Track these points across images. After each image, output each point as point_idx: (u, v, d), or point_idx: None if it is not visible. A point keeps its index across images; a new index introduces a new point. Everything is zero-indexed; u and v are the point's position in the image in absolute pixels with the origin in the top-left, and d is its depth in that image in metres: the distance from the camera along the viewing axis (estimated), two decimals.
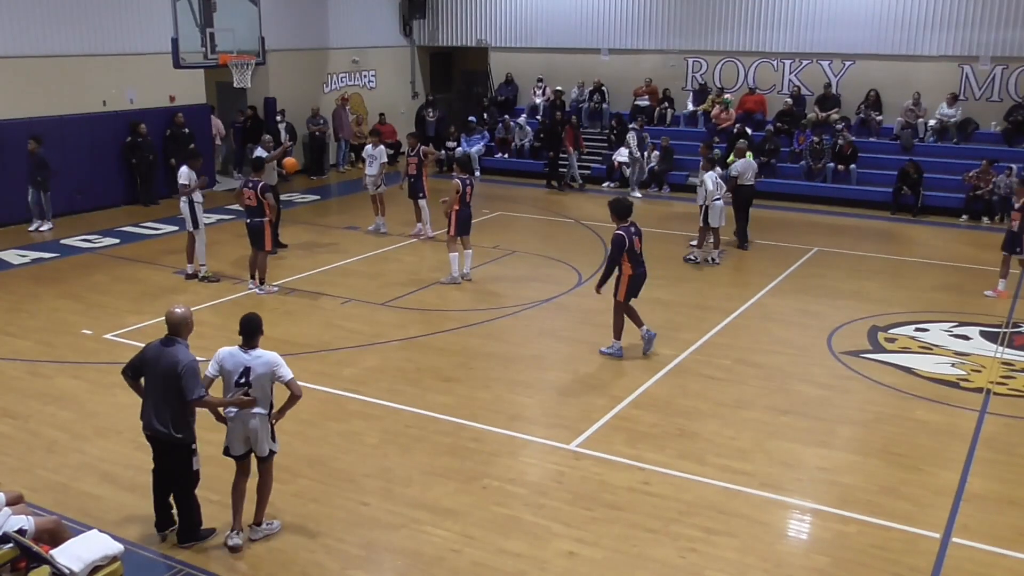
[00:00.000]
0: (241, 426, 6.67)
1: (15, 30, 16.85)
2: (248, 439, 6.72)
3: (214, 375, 6.67)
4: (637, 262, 10.49)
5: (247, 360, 6.60)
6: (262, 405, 6.65)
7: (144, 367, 6.61)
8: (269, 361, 6.59)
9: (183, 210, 13.34)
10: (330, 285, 13.58)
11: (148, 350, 6.64)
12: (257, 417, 6.65)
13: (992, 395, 9.74)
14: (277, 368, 6.59)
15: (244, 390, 6.57)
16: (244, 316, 6.80)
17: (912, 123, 20.60)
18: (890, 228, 18.31)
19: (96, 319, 11.96)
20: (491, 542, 6.87)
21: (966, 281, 14.20)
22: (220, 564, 6.58)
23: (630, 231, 10.40)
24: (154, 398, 6.55)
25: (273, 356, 6.64)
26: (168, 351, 6.52)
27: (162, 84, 19.22)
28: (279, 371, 6.60)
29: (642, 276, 10.61)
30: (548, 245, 16.14)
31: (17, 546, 5.84)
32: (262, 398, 6.62)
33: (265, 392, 6.63)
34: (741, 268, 14.83)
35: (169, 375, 6.44)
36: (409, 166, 16.32)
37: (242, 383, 6.58)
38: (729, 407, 9.35)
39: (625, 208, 10.56)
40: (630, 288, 10.51)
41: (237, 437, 6.74)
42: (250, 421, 6.65)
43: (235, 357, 6.63)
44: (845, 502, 7.50)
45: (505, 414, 9.16)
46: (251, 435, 6.70)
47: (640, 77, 23.75)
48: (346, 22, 24.28)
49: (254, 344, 6.68)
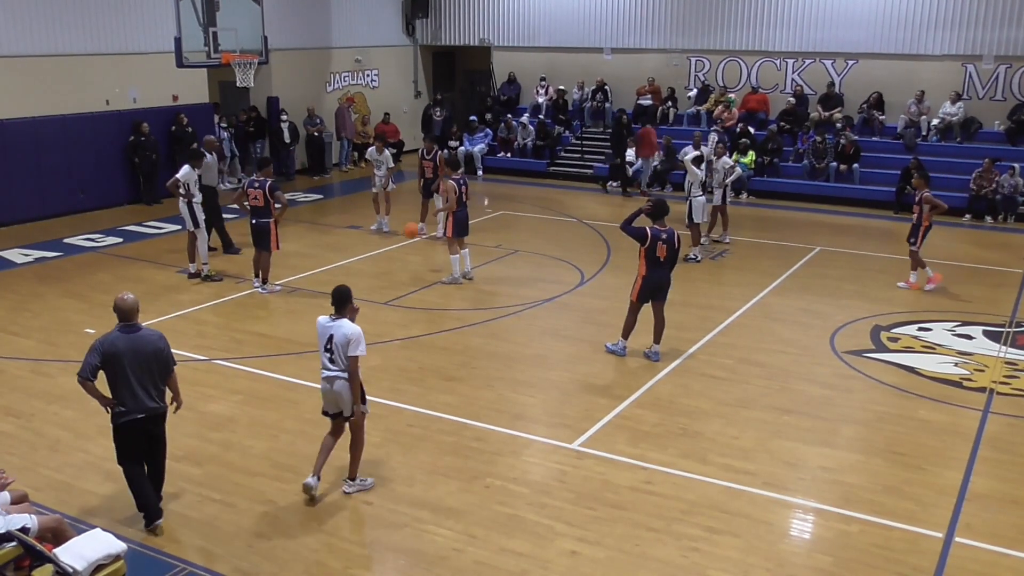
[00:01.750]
0: (329, 388, 7.28)
1: (18, 29, 16.88)
2: (335, 400, 7.31)
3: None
4: (656, 266, 10.33)
5: (331, 328, 7.20)
6: (342, 370, 7.17)
7: (116, 360, 6.69)
8: (346, 333, 7.11)
9: (182, 210, 13.34)
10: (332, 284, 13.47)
11: (116, 343, 6.71)
12: (340, 382, 7.20)
13: (995, 394, 9.73)
14: (351, 342, 7.10)
15: (330, 356, 7.14)
16: (335, 288, 7.40)
17: (915, 122, 20.58)
18: (893, 227, 18.27)
19: (99, 318, 11.95)
20: (493, 541, 6.87)
21: (969, 281, 14.18)
22: (224, 564, 6.58)
23: (660, 234, 10.23)
24: (139, 380, 6.73)
25: (352, 330, 7.13)
26: (140, 335, 6.79)
27: (165, 83, 19.24)
28: (351, 346, 7.10)
29: (657, 281, 10.39)
30: (551, 244, 16.14)
31: (20, 545, 5.85)
32: (343, 364, 7.13)
33: (343, 358, 7.13)
34: (743, 267, 14.82)
35: (155, 354, 6.79)
36: (425, 169, 16.35)
37: (328, 348, 7.19)
38: (732, 406, 9.34)
39: (663, 209, 10.42)
40: (643, 289, 10.46)
41: (326, 399, 7.38)
42: (334, 384, 7.24)
43: (323, 325, 7.29)
44: (848, 501, 7.49)
45: (508, 413, 9.16)
46: (336, 398, 7.29)
47: (643, 76, 23.75)
48: (349, 21, 24.30)
49: (342, 314, 7.23)
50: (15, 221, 16.92)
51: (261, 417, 9.04)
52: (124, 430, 6.82)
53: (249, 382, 9.96)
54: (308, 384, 9.84)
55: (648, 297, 10.51)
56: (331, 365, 7.26)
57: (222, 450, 8.34)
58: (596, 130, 24.02)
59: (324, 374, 7.31)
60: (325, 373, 7.30)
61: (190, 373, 10.20)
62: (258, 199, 12.65)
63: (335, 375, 7.24)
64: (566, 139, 24.11)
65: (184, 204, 13.25)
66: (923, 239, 13.32)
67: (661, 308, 10.57)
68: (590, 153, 23.46)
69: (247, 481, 7.76)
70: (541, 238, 16.71)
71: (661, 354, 10.61)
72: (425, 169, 16.36)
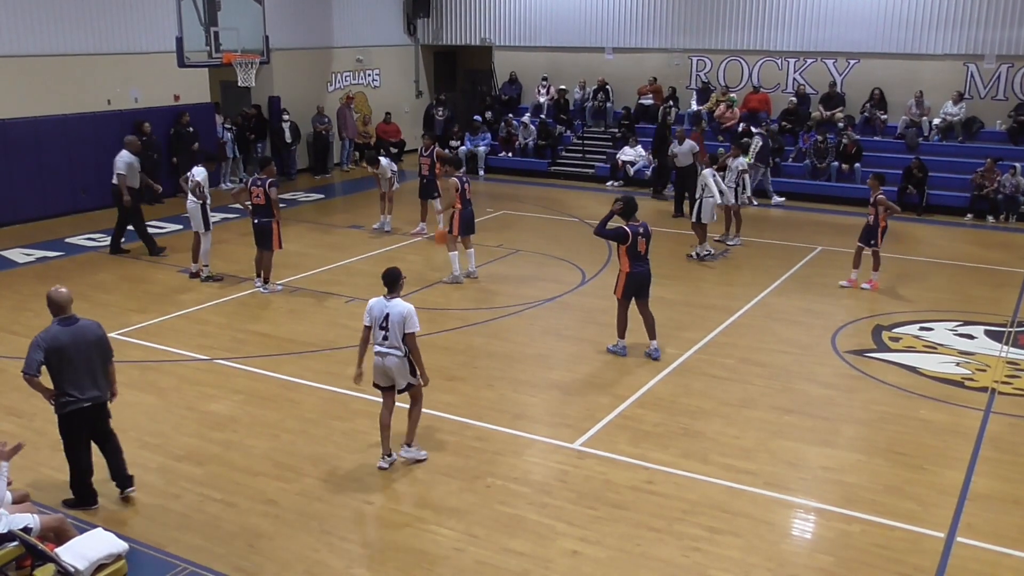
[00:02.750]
0: (381, 363, 7.71)
1: (20, 29, 16.89)
2: (386, 374, 7.74)
3: (367, 323, 7.74)
4: (638, 261, 10.45)
5: (387, 307, 7.67)
6: (397, 347, 7.61)
7: (61, 352, 6.86)
8: (402, 311, 7.61)
9: (193, 211, 13.32)
10: (334, 284, 13.60)
11: (59, 337, 6.90)
12: (391, 358, 7.64)
13: (997, 394, 9.72)
14: (407, 319, 7.59)
15: (384, 333, 7.61)
16: (386, 270, 7.85)
17: (917, 122, 20.57)
18: (894, 227, 18.15)
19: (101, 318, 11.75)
20: (495, 541, 6.87)
21: (971, 280, 14.18)
22: (225, 563, 6.59)
23: (637, 230, 10.37)
24: (87, 369, 6.98)
25: (406, 308, 7.64)
26: (80, 326, 7.05)
27: (166, 83, 19.25)
28: (407, 322, 7.59)
29: (641, 275, 10.52)
30: (552, 244, 16.14)
31: (22, 544, 5.86)
32: (396, 340, 7.61)
33: (397, 335, 7.60)
34: (745, 267, 14.82)
35: (96, 343, 7.08)
36: (422, 167, 16.35)
37: (384, 327, 7.62)
38: (733, 406, 9.34)
39: (634, 206, 10.51)
40: (628, 286, 10.50)
41: (378, 372, 7.78)
42: (387, 359, 7.67)
43: (379, 305, 7.74)
44: (849, 501, 7.49)
45: (509, 413, 9.16)
46: (388, 372, 7.74)
47: (644, 76, 23.74)
48: (350, 21, 24.30)
49: (395, 294, 7.73)
50: (17, 221, 16.92)
51: (262, 417, 9.04)
52: (70, 419, 7.02)
53: (250, 382, 9.97)
54: (309, 384, 9.85)
55: (633, 293, 10.55)
56: (384, 342, 7.68)
57: (223, 450, 8.35)
58: (597, 130, 24.03)
59: (377, 349, 7.72)
60: (378, 349, 7.71)
61: (192, 373, 10.23)
62: (260, 197, 12.67)
63: (388, 351, 7.66)
64: (567, 139, 24.11)
65: (197, 205, 13.26)
66: (882, 239, 13.27)
67: (646, 304, 10.65)
68: (591, 153, 23.46)
69: (248, 481, 7.76)
70: (542, 238, 16.71)
71: (661, 349, 10.61)
72: (422, 166, 16.36)
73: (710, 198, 14.70)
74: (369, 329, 7.78)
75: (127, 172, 14.54)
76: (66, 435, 7.12)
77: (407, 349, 7.66)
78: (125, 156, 14.61)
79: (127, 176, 14.52)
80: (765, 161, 20.07)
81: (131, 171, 14.61)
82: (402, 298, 7.78)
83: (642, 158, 21.93)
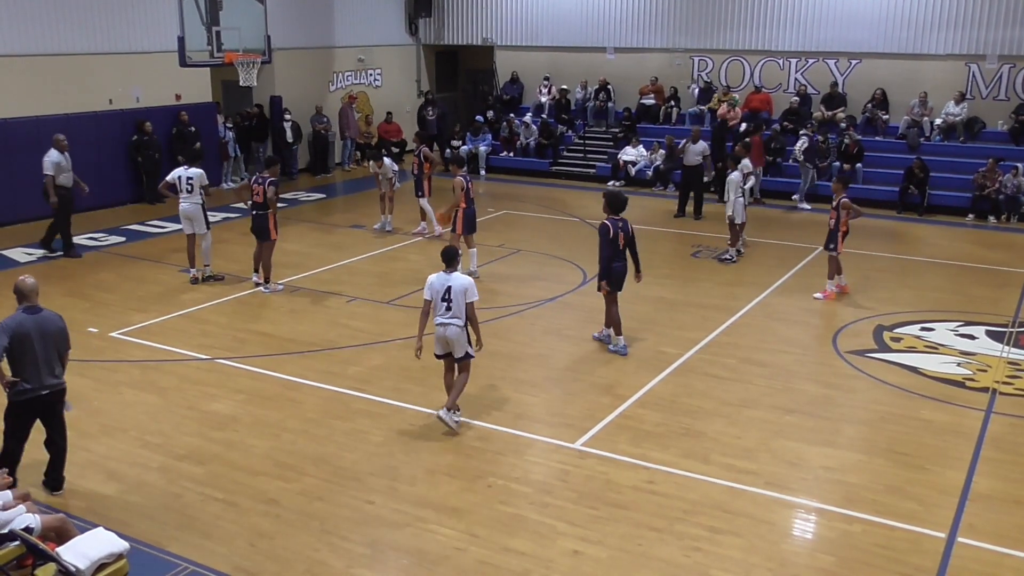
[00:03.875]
0: (443, 333, 8.47)
1: (22, 29, 16.90)
2: (446, 343, 8.52)
3: (429, 297, 8.49)
4: (616, 257, 10.54)
5: (448, 280, 8.44)
6: (458, 317, 8.38)
7: (26, 339, 6.98)
8: (464, 283, 8.46)
9: (194, 212, 13.20)
10: (335, 284, 13.60)
11: (24, 324, 7.02)
12: (452, 328, 8.42)
13: (998, 394, 9.72)
14: (468, 289, 8.43)
15: (447, 304, 8.36)
16: (444, 247, 8.80)
17: (918, 122, 20.55)
18: (896, 227, 18.27)
19: (102, 317, 12.00)
20: (496, 541, 6.87)
21: (972, 280, 14.17)
22: (225, 562, 6.59)
23: (616, 224, 10.45)
24: (44, 357, 7.10)
25: (468, 279, 8.54)
26: (44, 315, 7.17)
27: (168, 83, 19.26)
28: (468, 292, 8.41)
29: (620, 270, 10.64)
30: (553, 244, 16.14)
31: (23, 544, 5.86)
32: (459, 311, 8.38)
33: (460, 306, 8.38)
34: (746, 267, 14.81)
35: (58, 332, 7.22)
36: (413, 166, 16.41)
37: (447, 298, 8.37)
38: (734, 406, 9.34)
39: (620, 202, 10.62)
40: (610, 282, 10.59)
41: (439, 342, 8.59)
42: (448, 329, 8.44)
43: (440, 278, 8.50)
44: (850, 501, 7.49)
45: (510, 413, 9.17)
46: (448, 341, 8.50)
47: (646, 76, 23.75)
48: (352, 21, 24.30)
49: (454, 268, 8.55)
50: (18, 220, 16.93)
51: (263, 416, 9.05)
52: (24, 406, 7.15)
53: (251, 381, 9.97)
54: (310, 383, 9.85)
55: (616, 287, 10.66)
56: (447, 313, 8.42)
57: (224, 449, 8.35)
58: (599, 129, 24.03)
59: (439, 321, 8.45)
60: (440, 320, 8.45)
61: (193, 372, 10.23)
62: (259, 195, 12.71)
63: (450, 322, 8.43)
64: (569, 139, 24.11)
65: (198, 207, 13.18)
66: (842, 243, 12.92)
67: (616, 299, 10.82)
68: (593, 153, 23.46)
69: (249, 480, 7.76)
70: (544, 238, 16.71)
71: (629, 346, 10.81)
72: (413, 165, 16.40)
73: (738, 199, 14.67)
74: (430, 303, 8.47)
75: (54, 172, 14.27)
76: (12, 422, 7.26)
77: (465, 320, 8.39)
78: (53, 155, 14.33)
79: (54, 175, 14.23)
80: (813, 162, 19.59)
81: (59, 170, 14.33)
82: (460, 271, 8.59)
83: (643, 158, 21.93)
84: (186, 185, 13.19)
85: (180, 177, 13.25)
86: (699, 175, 18.50)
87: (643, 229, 16.54)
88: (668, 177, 21.24)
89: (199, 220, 13.29)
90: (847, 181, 13.71)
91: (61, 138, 14.68)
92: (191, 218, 13.29)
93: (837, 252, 12.91)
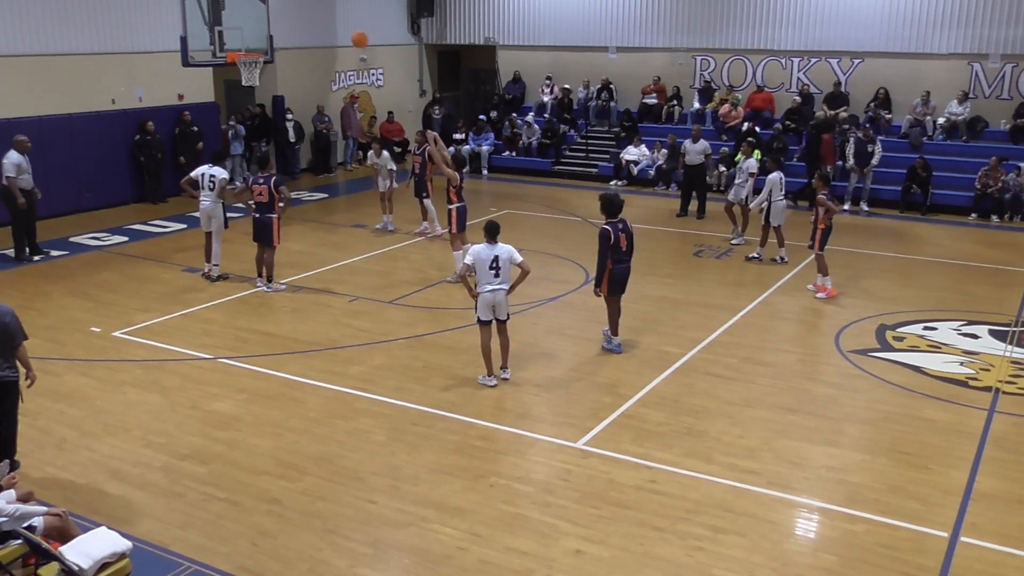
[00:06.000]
0: (492, 298, 9.42)
1: (24, 29, 16.92)
2: (493, 308, 9.47)
3: (471, 263, 9.41)
4: (619, 259, 10.52)
5: (496, 251, 9.41)
6: (505, 282, 9.44)
7: None
8: (509, 250, 9.48)
9: (215, 211, 13.17)
10: (337, 283, 13.60)
11: None
12: (500, 293, 9.43)
13: (1001, 394, 9.70)
14: (514, 254, 9.48)
15: (495, 271, 9.35)
16: (488, 221, 9.58)
17: (921, 121, 20.52)
18: (899, 226, 18.25)
19: (105, 317, 12.01)
20: (498, 540, 6.87)
21: (975, 280, 14.15)
22: (228, 562, 6.59)
23: (617, 228, 10.43)
24: None
25: (511, 247, 9.50)
26: None
27: (171, 82, 19.27)
28: (515, 256, 9.47)
29: (624, 272, 10.63)
30: (555, 243, 16.13)
31: (26, 542, 5.86)
32: (506, 277, 9.42)
33: (507, 272, 9.42)
34: (748, 266, 14.80)
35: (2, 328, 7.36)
36: (415, 165, 16.38)
37: (495, 266, 9.34)
38: (737, 406, 9.33)
39: (616, 205, 10.58)
40: (612, 283, 10.55)
41: (485, 307, 9.47)
42: (497, 294, 9.41)
43: (488, 249, 9.42)
44: (853, 501, 7.48)
45: (512, 412, 9.17)
46: (496, 305, 9.48)
47: (648, 75, 23.75)
48: (354, 20, 24.27)
49: (496, 240, 9.46)
50: None
51: (266, 416, 9.05)
52: None
53: (254, 381, 9.98)
54: (313, 383, 9.85)
55: (618, 290, 10.65)
56: (495, 279, 9.38)
57: (227, 448, 8.36)
58: (601, 129, 24.02)
59: (488, 288, 9.38)
60: (488, 287, 9.38)
61: (195, 372, 10.24)
62: (263, 195, 12.68)
63: (499, 287, 9.40)
64: (571, 138, 24.11)
65: (219, 204, 13.18)
66: (823, 242, 12.85)
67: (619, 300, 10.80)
68: (595, 152, 23.45)
69: (252, 480, 7.77)
70: (546, 237, 16.70)
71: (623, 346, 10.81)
72: (415, 164, 16.39)
73: (779, 200, 14.65)
74: (470, 267, 9.41)
75: (15, 174, 14.11)
76: None
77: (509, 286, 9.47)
78: (13, 157, 14.15)
79: (15, 177, 14.10)
80: (862, 164, 19.19)
81: (20, 172, 14.18)
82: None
83: (645, 157, 21.92)
84: (208, 183, 13.17)
85: (203, 175, 13.27)
86: (701, 174, 18.50)
87: (646, 229, 16.59)
88: (670, 177, 21.24)
89: (218, 219, 13.29)
90: (828, 178, 13.68)
91: (23, 139, 14.45)
92: (211, 216, 13.29)
93: (815, 250, 12.91)
